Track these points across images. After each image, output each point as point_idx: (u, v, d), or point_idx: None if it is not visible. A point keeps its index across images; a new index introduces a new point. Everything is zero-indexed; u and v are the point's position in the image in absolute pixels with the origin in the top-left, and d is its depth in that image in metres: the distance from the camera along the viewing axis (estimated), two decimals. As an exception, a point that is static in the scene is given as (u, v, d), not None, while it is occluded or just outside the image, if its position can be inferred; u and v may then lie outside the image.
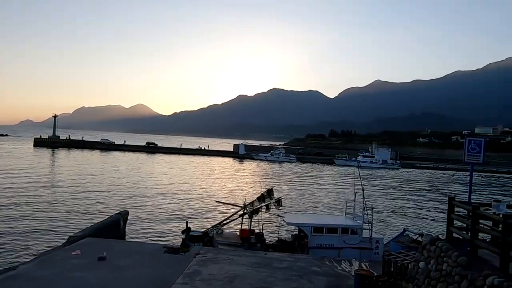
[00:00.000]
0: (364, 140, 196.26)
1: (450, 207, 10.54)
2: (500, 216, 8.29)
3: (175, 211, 30.18)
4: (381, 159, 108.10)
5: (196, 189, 43.54)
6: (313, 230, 17.28)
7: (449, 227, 10.44)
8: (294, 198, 41.08)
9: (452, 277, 8.66)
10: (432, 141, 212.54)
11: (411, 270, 11.06)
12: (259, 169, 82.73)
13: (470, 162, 11.02)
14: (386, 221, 30.77)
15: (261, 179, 52.42)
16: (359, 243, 17.22)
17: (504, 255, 7.58)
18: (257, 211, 17.92)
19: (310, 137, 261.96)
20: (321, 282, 12.70)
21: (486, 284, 7.39)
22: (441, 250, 9.65)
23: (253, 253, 15.42)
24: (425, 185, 67.52)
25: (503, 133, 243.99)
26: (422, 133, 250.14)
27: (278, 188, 44.60)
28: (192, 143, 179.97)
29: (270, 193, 18.30)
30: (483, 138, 11.39)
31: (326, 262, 14.84)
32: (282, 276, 12.90)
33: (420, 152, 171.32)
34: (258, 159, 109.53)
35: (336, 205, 36.01)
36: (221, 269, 13.10)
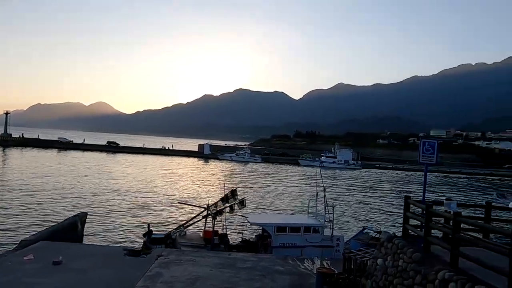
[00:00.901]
0: (328, 141, 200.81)
1: (406, 205, 11.02)
2: (451, 213, 8.77)
3: (137, 213, 29.37)
4: (343, 159, 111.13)
5: (159, 190, 42.61)
6: (276, 229, 17.47)
7: (405, 225, 10.91)
8: (258, 198, 41.29)
9: (407, 273, 9.06)
10: (391, 143, 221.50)
11: (370, 266, 11.46)
12: (224, 169, 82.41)
13: (424, 163, 11.57)
14: (347, 219, 31.70)
15: (225, 180, 52.25)
16: (321, 242, 17.60)
17: (454, 250, 8.02)
18: (220, 212, 17.85)
19: (275, 138, 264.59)
20: (284, 281, 12.85)
21: (438, 278, 7.80)
22: (397, 247, 10.08)
23: (216, 254, 15.33)
24: (384, 184, 70.26)
25: (455, 135, 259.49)
26: (382, 135, 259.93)
27: (242, 189, 44.62)
28: (156, 143, 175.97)
29: (234, 193, 18.28)
30: (437, 140, 12.00)
31: (289, 261, 15.03)
32: (246, 276, 12.92)
33: (380, 153, 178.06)
34: (223, 159, 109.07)
35: (299, 205, 36.60)
36: (184, 270, 12.92)
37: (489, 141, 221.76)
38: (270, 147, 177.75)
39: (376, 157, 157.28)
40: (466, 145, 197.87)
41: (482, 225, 9.61)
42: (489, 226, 9.96)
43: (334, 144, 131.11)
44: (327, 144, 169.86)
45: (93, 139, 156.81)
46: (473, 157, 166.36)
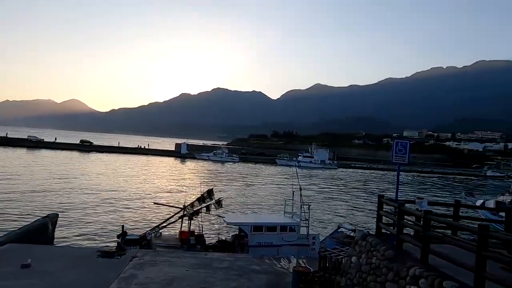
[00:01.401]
0: (304, 141, 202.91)
1: (380, 204, 11.27)
2: (421, 212, 9.04)
3: (111, 214, 28.70)
4: (319, 159, 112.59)
5: (134, 190, 41.81)
6: (253, 229, 17.52)
7: (378, 223, 11.16)
8: (235, 197, 41.24)
9: (380, 270, 9.29)
10: (366, 143, 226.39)
11: (345, 264, 11.67)
12: (201, 169, 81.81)
13: (397, 163, 11.87)
14: (322, 218, 32.14)
15: (202, 179, 51.82)
16: (297, 240, 17.77)
17: (425, 247, 8.27)
18: (197, 212, 17.71)
19: (253, 137, 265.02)
20: (261, 280, 12.91)
21: (409, 275, 8.03)
22: (371, 245, 10.30)
23: (193, 254, 15.22)
24: (359, 184, 71.70)
25: (427, 136, 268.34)
26: (357, 135, 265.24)
27: (220, 188, 44.51)
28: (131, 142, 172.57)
29: (211, 193, 18.19)
30: (409, 141, 12.33)
31: (266, 260, 15.11)
32: (222, 276, 12.91)
33: (355, 153, 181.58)
34: (200, 159, 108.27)
35: (276, 204, 36.82)
36: (159, 271, 12.76)
37: (458, 141, 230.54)
38: (248, 147, 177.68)
39: (351, 157, 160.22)
40: (437, 146, 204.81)
41: (450, 223, 9.96)
42: (457, 224, 10.34)
43: (311, 144, 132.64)
44: (304, 144, 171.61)
45: (66, 138, 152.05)
46: (444, 157, 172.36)
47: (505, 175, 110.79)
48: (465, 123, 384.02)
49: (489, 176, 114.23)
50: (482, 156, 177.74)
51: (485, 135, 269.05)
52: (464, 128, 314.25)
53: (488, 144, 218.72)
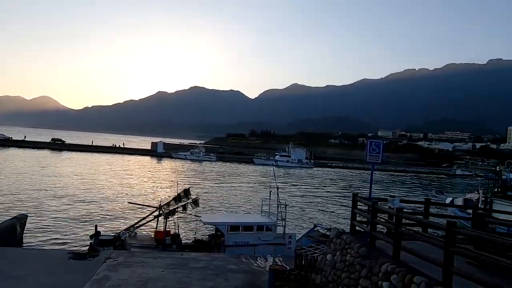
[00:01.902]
0: (282, 140, 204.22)
1: (354, 202, 11.51)
2: (394, 209, 9.29)
3: (83, 214, 27.92)
4: (296, 158, 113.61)
5: (108, 190, 40.85)
6: (230, 228, 17.52)
7: (353, 221, 11.40)
8: (212, 197, 41.04)
9: (354, 267, 9.48)
10: (343, 143, 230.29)
11: (320, 262, 11.85)
12: (178, 168, 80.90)
13: (371, 162, 12.16)
14: (299, 217, 32.47)
15: (179, 179, 51.26)
16: (273, 240, 17.89)
17: (396, 244, 8.52)
18: (173, 211, 17.53)
19: (230, 137, 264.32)
20: (237, 280, 12.93)
21: (381, 271, 8.24)
22: (345, 243, 10.51)
23: (169, 255, 15.06)
24: (335, 182, 72.85)
25: (401, 136, 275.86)
26: (334, 135, 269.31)
27: (196, 188, 44.12)
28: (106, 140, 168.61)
29: (187, 193, 18.04)
30: (382, 140, 12.66)
31: (243, 260, 15.14)
32: (199, 276, 12.85)
33: (332, 152, 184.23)
34: (177, 158, 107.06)
35: (253, 203, 36.90)
36: (134, 272, 12.55)
37: (430, 141, 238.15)
38: (226, 146, 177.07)
39: (328, 156, 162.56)
40: (410, 145, 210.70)
41: (421, 220, 10.29)
42: (427, 221, 10.68)
43: (288, 143, 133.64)
44: (281, 143, 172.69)
45: (36, 136, 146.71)
46: (416, 157, 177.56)
47: (473, 174, 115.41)
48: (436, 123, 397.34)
49: (458, 175, 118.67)
50: (452, 155, 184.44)
51: (454, 135, 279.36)
52: (435, 128, 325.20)
53: (457, 144, 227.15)
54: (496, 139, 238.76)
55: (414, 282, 7.15)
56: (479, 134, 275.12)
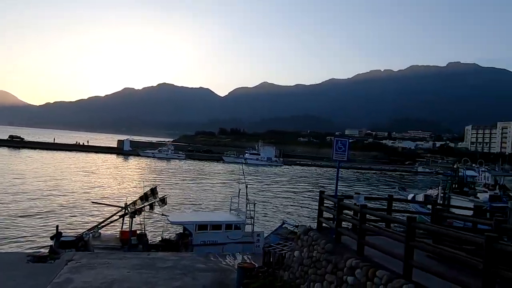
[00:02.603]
0: (251, 138, 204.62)
1: (320, 200, 11.75)
2: (358, 206, 9.56)
3: (44, 215, 26.73)
4: (266, 156, 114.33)
5: (71, 190, 39.33)
6: (198, 227, 17.38)
7: (319, 218, 11.62)
8: (181, 195, 40.54)
9: (320, 262, 9.69)
10: (311, 141, 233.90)
11: (288, 259, 12.01)
12: (145, 166, 79.21)
13: (337, 160, 12.44)
14: (267, 215, 32.74)
15: (146, 177, 50.21)
16: (242, 238, 17.94)
17: (360, 240, 8.78)
18: (139, 211, 17.15)
19: (200, 135, 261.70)
20: (206, 278, 12.90)
21: (346, 266, 8.47)
22: (312, 239, 10.71)
23: (135, 255, 14.75)
24: (303, 180, 73.97)
25: (366, 135, 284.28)
26: (302, 133, 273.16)
27: (164, 186, 43.44)
28: (69, 138, 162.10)
29: (154, 191, 17.71)
30: (348, 139, 12.99)
31: (211, 258, 15.10)
32: (166, 275, 12.70)
33: (300, 151, 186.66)
34: (145, 156, 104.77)
35: (222, 202, 36.78)
36: (98, 274, 12.19)
37: (394, 140, 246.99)
38: (195, 144, 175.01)
39: (297, 154, 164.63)
40: (375, 144, 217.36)
41: (384, 216, 10.66)
42: (389, 217, 11.10)
43: (258, 141, 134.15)
44: (251, 141, 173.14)
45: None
46: (381, 155, 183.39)
47: (433, 171, 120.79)
48: (399, 123, 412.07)
49: (420, 172, 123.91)
50: (414, 153, 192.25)
51: (417, 134, 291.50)
52: (399, 127, 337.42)
53: (419, 143, 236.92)
54: (454, 138, 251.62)
55: (377, 276, 7.40)
56: (439, 133, 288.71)
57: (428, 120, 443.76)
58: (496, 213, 13.85)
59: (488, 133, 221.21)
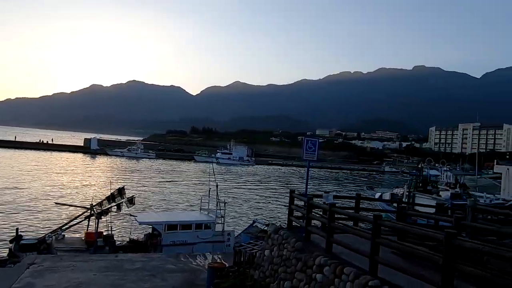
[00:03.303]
0: (223, 137, 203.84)
1: (291, 199, 11.88)
2: (327, 205, 9.74)
3: (2, 217, 25.40)
4: (238, 156, 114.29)
5: (33, 190, 37.62)
6: (167, 227, 17.13)
7: (290, 217, 11.75)
8: (150, 195, 39.78)
9: (290, 261, 9.79)
10: (283, 140, 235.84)
11: (258, 258, 12.05)
12: (113, 165, 77.09)
13: (307, 159, 12.62)
14: (238, 214, 32.75)
15: (114, 177, 48.87)
16: (212, 237, 17.84)
17: (329, 238, 8.95)
18: (106, 211, 16.67)
19: (171, 133, 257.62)
20: (175, 279, 12.75)
21: (315, 264, 8.60)
22: (282, 238, 10.80)
23: (102, 257, 14.34)
24: (275, 180, 74.53)
25: (336, 135, 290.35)
26: (274, 133, 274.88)
27: (133, 186, 42.50)
28: (31, 136, 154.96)
29: (121, 191, 17.27)
30: (317, 139, 13.20)
31: (181, 259, 14.94)
32: (134, 277, 12.46)
33: (272, 150, 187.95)
34: (113, 155, 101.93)
35: (193, 201, 36.43)
36: (62, 278, 11.75)
37: (362, 140, 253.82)
38: (165, 143, 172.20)
39: (269, 154, 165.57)
40: (345, 144, 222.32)
41: (351, 215, 10.92)
42: (357, 215, 11.37)
43: (230, 141, 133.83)
44: (223, 140, 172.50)
45: None
46: (351, 155, 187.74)
47: (399, 170, 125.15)
48: (368, 123, 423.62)
49: (387, 172, 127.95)
50: (382, 153, 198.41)
51: (384, 135, 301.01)
52: (368, 128, 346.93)
53: (386, 143, 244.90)
54: (419, 139, 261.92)
55: (344, 273, 7.57)
56: (405, 134, 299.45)
57: (395, 121, 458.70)
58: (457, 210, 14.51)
59: (450, 134, 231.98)
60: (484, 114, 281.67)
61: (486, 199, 34.55)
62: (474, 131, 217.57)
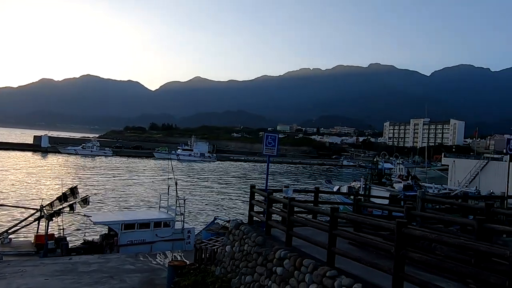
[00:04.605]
0: (184, 133, 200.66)
1: (251, 194, 11.94)
2: (287, 199, 9.89)
3: None
4: (199, 152, 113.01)
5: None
6: (124, 227, 16.61)
7: (250, 212, 11.80)
8: (106, 194, 38.36)
9: (251, 255, 9.85)
10: (244, 136, 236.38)
11: (219, 254, 12.02)
12: (66, 164, 73.42)
13: (267, 154, 12.73)
14: (200, 211, 32.45)
15: (66, 176, 46.58)
16: (171, 235, 17.55)
17: (289, 231, 9.10)
18: (57, 212, 15.81)
19: (129, 130, 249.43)
20: (134, 280, 12.46)
21: (276, 257, 8.72)
22: (243, 233, 10.84)
23: (54, 260, 13.65)
24: (236, 175, 74.58)
25: (297, 130, 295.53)
26: (236, 128, 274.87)
27: (88, 185, 40.82)
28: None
29: (74, 191, 16.45)
30: (277, 134, 13.35)
31: (141, 258, 14.61)
32: (90, 280, 12.02)
33: (234, 146, 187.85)
34: (66, 153, 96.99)
35: (152, 199, 35.59)
36: (10, 284, 11.06)
37: (322, 135, 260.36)
38: (123, 140, 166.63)
39: (230, 150, 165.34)
40: (305, 139, 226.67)
41: (310, 208, 11.17)
42: (315, 208, 11.66)
43: (191, 137, 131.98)
44: (183, 137, 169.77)
45: None
46: (311, 149, 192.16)
47: (356, 164, 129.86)
48: (327, 119, 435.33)
49: (345, 166, 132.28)
50: (340, 148, 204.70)
51: (342, 130, 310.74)
52: (327, 123, 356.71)
53: (344, 138, 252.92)
54: (375, 134, 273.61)
55: (304, 265, 7.74)
56: (362, 129, 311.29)
57: (352, 117, 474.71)
58: (408, 201, 15.31)
59: (403, 129, 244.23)
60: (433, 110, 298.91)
61: (435, 190, 36.77)
62: (424, 126, 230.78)
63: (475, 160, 49.73)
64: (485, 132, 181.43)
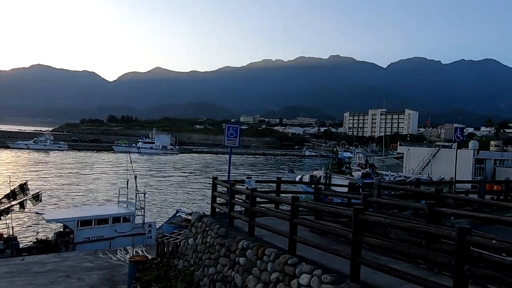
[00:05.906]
0: (145, 126, 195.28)
1: (214, 186, 11.88)
2: (249, 190, 9.92)
3: None
4: (161, 144, 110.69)
5: None
6: (80, 224, 15.97)
7: (213, 204, 11.74)
8: (61, 191, 36.67)
9: (214, 247, 9.83)
10: (207, 128, 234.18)
11: (182, 247, 11.88)
12: (16, 160, 69.21)
13: (229, 146, 12.68)
14: (161, 205, 31.89)
15: (16, 172, 43.90)
16: (132, 230, 17.14)
17: (251, 221, 9.15)
18: (6, 211, 14.88)
19: (85, 122, 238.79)
20: (94, 277, 12.09)
21: (238, 248, 8.75)
22: (206, 225, 10.77)
23: (4, 262, 12.91)
24: (199, 168, 73.92)
25: (260, 121, 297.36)
26: (198, 120, 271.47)
27: (40, 181, 38.79)
28: None
29: (24, 188, 15.52)
30: (239, 125, 13.32)
31: (100, 255, 14.18)
32: (45, 280, 11.51)
33: (197, 138, 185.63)
34: (16, 148, 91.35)
35: (110, 194, 34.47)
36: (-48, 290, 10.28)
37: (284, 126, 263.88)
38: (80, 133, 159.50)
39: (193, 142, 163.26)
40: (268, 130, 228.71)
41: (272, 198, 11.30)
42: (277, 198, 11.81)
43: (152, 129, 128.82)
44: (144, 129, 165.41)
45: None
46: (274, 140, 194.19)
47: (318, 154, 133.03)
48: (289, 110, 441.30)
49: (307, 156, 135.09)
50: (302, 139, 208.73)
51: (304, 120, 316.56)
52: (289, 114, 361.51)
53: (306, 128, 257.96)
54: (335, 124, 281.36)
55: (266, 254, 7.83)
56: (323, 119, 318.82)
57: (314, 108, 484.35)
58: (366, 188, 15.92)
59: (362, 119, 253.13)
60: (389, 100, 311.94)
61: (391, 177, 38.52)
62: (382, 116, 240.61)
63: (428, 148, 52.52)
64: (437, 121, 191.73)
